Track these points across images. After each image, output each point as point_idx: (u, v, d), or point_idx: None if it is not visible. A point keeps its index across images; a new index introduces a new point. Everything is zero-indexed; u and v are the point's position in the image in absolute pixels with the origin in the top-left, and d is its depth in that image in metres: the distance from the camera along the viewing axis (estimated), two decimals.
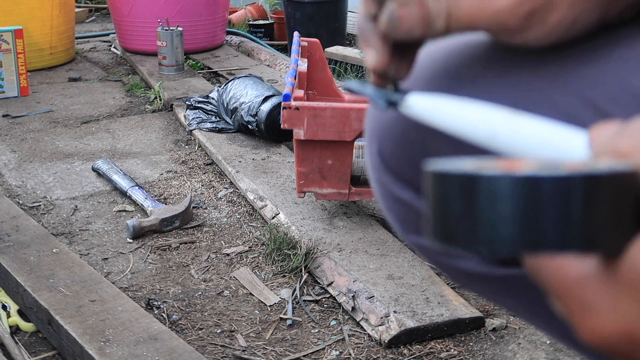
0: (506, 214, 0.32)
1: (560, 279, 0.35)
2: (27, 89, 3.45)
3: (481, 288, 0.70)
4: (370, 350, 1.59)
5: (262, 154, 2.55)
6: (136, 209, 2.27)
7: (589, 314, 0.35)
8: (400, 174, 0.65)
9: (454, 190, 0.33)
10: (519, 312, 0.73)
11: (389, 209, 0.69)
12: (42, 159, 2.68)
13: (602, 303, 0.34)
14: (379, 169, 0.67)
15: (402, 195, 0.66)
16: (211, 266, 1.95)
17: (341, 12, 4.26)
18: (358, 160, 2.06)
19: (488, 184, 0.32)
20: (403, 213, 0.67)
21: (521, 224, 0.32)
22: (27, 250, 1.81)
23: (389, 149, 0.65)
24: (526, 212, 0.32)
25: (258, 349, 1.60)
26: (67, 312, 1.55)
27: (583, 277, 0.35)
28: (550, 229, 0.32)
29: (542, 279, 0.36)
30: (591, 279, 0.34)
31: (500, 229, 0.32)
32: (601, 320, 0.34)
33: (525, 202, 0.32)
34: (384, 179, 0.67)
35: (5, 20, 3.59)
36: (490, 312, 1.72)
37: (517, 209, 0.32)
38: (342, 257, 1.85)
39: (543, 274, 0.36)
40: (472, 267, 0.66)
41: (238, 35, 4.47)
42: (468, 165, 0.34)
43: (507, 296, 0.67)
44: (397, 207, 0.67)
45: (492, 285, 0.67)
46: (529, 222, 0.32)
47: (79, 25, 4.80)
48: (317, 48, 2.52)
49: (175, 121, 3.09)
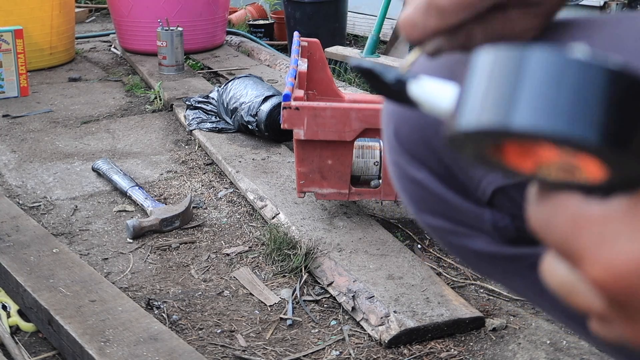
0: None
1: (580, 215, 0.34)
2: (27, 89, 3.45)
3: (491, 269, 0.71)
4: (370, 350, 1.59)
5: (262, 154, 2.55)
6: (136, 209, 2.27)
7: (607, 246, 0.34)
8: (415, 155, 0.67)
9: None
10: (527, 294, 0.74)
11: (403, 189, 0.71)
12: (42, 159, 2.68)
13: (623, 234, 0.33)
14: (395, 150, 0.68)
15: (417, 175, 0.67)
16: (211, 266, 1.95)
17: (341, 12, 4.26)
18: (358, 160, 2.06)
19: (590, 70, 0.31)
20: (417, 193, 0.69)
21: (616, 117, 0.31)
22: (27, 250, 1.81)
23: (405, 131, 0.67)
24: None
25: (258, 349, 1.60)
26: (67, 312, 1.55)
27: (607, 212, 0.34)
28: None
29: (555, 223, 0.35)
30: (615, 213, 0.34)
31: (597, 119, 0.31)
32: (619, 250, 0.33)
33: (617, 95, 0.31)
34: (400, 160, 0.68)
35: (5, 20, 3.59)
36: (490, 312, 1.72)
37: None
38: (342, 257, 1.85)
39: (559, 216, 0.35)
40: (482, 247, 0.68)
41: (238, 35, 4.47)
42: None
43: (515, 277, 0.68)
44: (411, 187, 0.69)
45: (501, 265, 0.68)
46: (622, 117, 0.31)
47: (79, 25, 4.80)
48: (317, 48, 2.52)
49: (175, 121, 3.09)
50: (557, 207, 0.35)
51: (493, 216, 0.65)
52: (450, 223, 0.68)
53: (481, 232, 0.67)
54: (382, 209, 2.22)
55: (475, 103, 0.34)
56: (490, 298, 1.79)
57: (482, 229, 0.67)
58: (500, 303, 1.76)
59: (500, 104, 0.33)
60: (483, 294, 1.81)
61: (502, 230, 0.65)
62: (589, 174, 0.33)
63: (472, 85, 0.34)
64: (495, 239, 0.66)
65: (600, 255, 0.34)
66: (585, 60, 0.32)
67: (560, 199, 0.35)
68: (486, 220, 0.66)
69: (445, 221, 0.69)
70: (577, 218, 0.35)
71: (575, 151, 0.32)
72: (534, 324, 1.67)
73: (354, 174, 2.04)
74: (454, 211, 0.67)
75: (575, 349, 1.57)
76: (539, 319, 1.68)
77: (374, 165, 2.07)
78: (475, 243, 0.68)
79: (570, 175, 0.34)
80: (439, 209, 0.68)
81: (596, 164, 0.33)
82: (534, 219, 0.37)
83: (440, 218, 0.69)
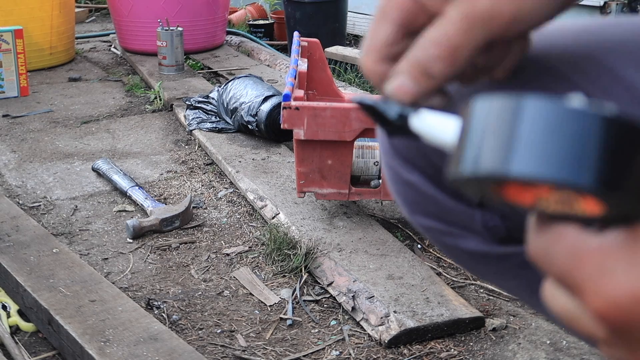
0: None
1: (579, 247, 0.35)
2: (27, 89, 3.45)
3: (484, 269, 0.73)
4: (370, 350, 1.59)
5: (262, 154, 2.55)
6: (136, 209, 2.27)
7: (606, 278, 0.34)
8: (408, 158, 0.68)
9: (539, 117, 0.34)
10: (521, 295, 0.76)
11: (397, 192, 0.72)
12: (42, 159, 2.68)
13: (621, 266, 0.34)
14: (389, 154, 0.70)
15: (410, 178, 0.68)
16: (211, 266, 1.95)
17: (341, 12, 4.26)
18: (358, 160, 2.06)
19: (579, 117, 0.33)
20: (411, 195, 0.70)
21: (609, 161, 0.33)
22: (27, 250, 1.81)
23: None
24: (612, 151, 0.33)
25: (258, 349, 1.60)
26: (67, 312, 1.55)
27: (605, 244, 0.35)
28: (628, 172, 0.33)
29: (555, 253, 0.36)
30: (613, 245, 0.35)
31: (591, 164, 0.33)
32: (617, 282, 0.34)
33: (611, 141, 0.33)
34: (393, 163, 0.69)
35: (5, 20, 3.60)
36: (490, 312, 1.72)
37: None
38: (342, 257, 1.85)
39: (558, 247, 0.36)
40: (474, 247, 0.69)
41: (238, 35, 4.47)
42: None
43: (509, 277, 0.70)
44: (405, 189, 0.70)
45: (494, 264, 0.69)
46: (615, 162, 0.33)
47: (79, 25, 4.80)
48: (317, 48, 2.52)
49: (175, 121, 3.09)
50: (556, 237, 0.36)
51: (483, 217, 0.67)
52: (443, 224, 0.70)
53: (473, 232, 0.68)
54: (382, 209, 2.23)
55: (474, 150, 0.36)
56: (490, 298, 1.79)
57: (474, 229, 0.68)
58: (500, 303, 1.76)
59: (498, 152, 0.34)
60: (483, 294, 1.81)
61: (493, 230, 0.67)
62: (587, 208, 0.35)
63: (470, 133, 0.36)
64: (487, 238, 0.68)
65: (599, 287, 0.35)
66: (581, 110, 0.33)
67: (559, 230, 0.36)
68: (477, 221, 0.67)
69: (438, 222, 0.70)
70: (576, 250, 0.36)
71: (572, 192, 0.34)
72: (534, 324, 1.67)
73: (354, 174, 2.04)
74: (446, 212, 0.69)
75: (575, 349, 1.57)
76: (539, 319, 1.68)
77: (374, 165, 2.07)
78: (468, 243, 0.69)
79: (568, 207, 0.35)
80: (432, 211, 0.70)
81: (593, 200, 0.34)
82: (533, 248, 0.38)
83: (433, 219, 0.70)
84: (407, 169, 0.68)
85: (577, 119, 0.33)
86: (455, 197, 0.67)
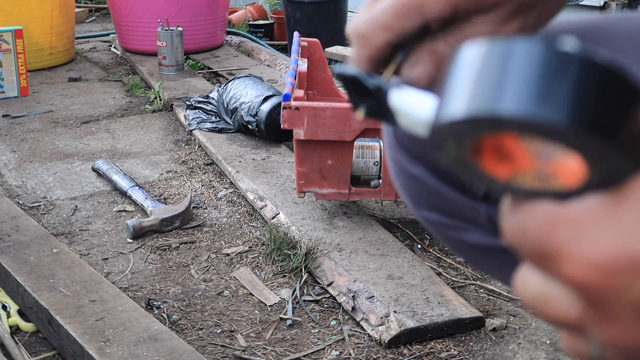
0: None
1: (554, 214, 0.33)
2: (27, 89, 3.45)
3: (488, 262, 0.73)
4: (370, 350, 1.59)
5: (262, 154, 2.55)
6: (136, 209, 2.27)
7: (584, 239, 0.32)
8: (412, 152, 0.68)
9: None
10: None
11: (401, 185, 0.72)
12: (42, 159, 2.68)
13: (599, 226, 0.31)
14: (393, 147, 0.70)
15: (415, 171, 0.68)
16: (211, 266, 1.95)
17: (341, 12, 4.26)
18: (358, 160, 2.06)
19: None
20: (415, 188, 0.70)
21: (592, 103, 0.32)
22: (27, 250, 1.81)
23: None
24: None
25: (258, 349, 1.60)
26: (67, 312, 1.55)
27: (583, 207, 0.32)
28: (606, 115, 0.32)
29: (529, 228, 0.34)
30: (592, 207, 0.32)
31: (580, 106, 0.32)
32: (595, 243, 0.31)
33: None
34: (398, 156, 0.70)
35: (5, 20, 3.60)
36: (490, 312, 1.72)
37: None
38: (342, 257, 1.85)
39: (533, 220, 0.33)
40: (478, 240, 0.69)
41: (238, 35, 4.47)
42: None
43: (511, 270, 0.69)
44: (410, 182, 0.70)
45: (497, 257, 0.69)
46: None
47: (79, 25, 4.80)
48: (317, 48, 2.52)
49: (175, 121, 3.09)
50: (531, 211, 0.34)
51: (488, 210, 0.67)
52: (447, 217, 0.70)
53: (477, 225, 0.69)
54: (382, 209, 2.22)
55: (461, 94, 0.34)
56: (490, 298, 1.79)
57: (478, 223, 0.68)
58: (500, 303, 1.76)
59: (486, 93, 0.33)
60: (483, 294, 1.81)
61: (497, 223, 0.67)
62: (565, 180, 0.33)
63: (457, 77, 0.34)
64: (491, 232, 0.68)
65: (577, 250, 0.32)
66: (573, 53, 0.32)
67: (534, 205, 0.34)
68: (481, 214, 0.67)
69: (443, 215, 0.70)
70: (552, 218, 0.33)
71: (563, 143, 0.32)
72: (534, 324, 1.67)
73: (354, 174, 2.04)
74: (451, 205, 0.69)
75: None
76: (539, 319, 1.68)
77: (374, 165, 2.07)
78: (472, 236, 0.69)
79: (545, 183, 0.33)
80: (436, 204, 0.70)
81: (575, 165, 0.33)
82: (507, 229, 0.35)
83: (437, 212, 0.70)
84: (412, 162, 0.68)
85: (567, 62, 0.32)
86: (460, 190, 0.67)
